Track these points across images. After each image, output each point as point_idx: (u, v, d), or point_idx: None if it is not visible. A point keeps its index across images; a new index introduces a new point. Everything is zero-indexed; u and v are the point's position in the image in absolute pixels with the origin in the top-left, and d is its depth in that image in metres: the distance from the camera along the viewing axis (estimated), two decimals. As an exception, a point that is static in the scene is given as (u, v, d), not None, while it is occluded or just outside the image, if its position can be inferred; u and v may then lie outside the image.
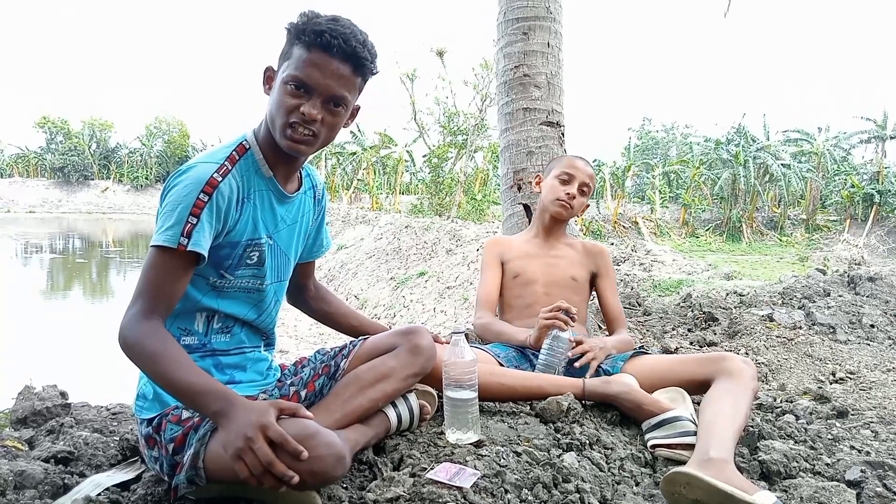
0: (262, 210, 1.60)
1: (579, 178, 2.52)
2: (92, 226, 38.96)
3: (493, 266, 2.58)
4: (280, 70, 1.51)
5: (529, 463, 1.61)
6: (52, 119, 56.20)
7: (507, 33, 3.45)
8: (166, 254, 1.41)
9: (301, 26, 1.48)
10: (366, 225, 18.10)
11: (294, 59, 1.48)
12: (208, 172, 1.46)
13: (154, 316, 1.40)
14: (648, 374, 2.06)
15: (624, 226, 25.09)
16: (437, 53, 22.29)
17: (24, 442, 1.89)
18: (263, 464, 1.21)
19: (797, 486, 1.56)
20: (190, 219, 1.41)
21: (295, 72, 1.47)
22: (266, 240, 1.61)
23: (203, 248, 1.44)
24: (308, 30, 1.46)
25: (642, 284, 6.96)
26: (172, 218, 1.41)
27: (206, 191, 1.44)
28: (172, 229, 1.41)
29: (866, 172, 28.37)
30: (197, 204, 1.42)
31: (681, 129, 45.90)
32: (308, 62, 1.47)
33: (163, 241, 1.40)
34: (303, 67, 1.47)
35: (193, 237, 1.41)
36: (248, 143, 1.59)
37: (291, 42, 1.50)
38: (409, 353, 1.72)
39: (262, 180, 1.59)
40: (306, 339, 9.50)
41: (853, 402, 2.47)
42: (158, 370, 1.36)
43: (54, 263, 20.80)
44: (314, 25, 1.46)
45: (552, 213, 2.53)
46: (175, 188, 1.46)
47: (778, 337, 3.50)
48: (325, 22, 1.47)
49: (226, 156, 1.53)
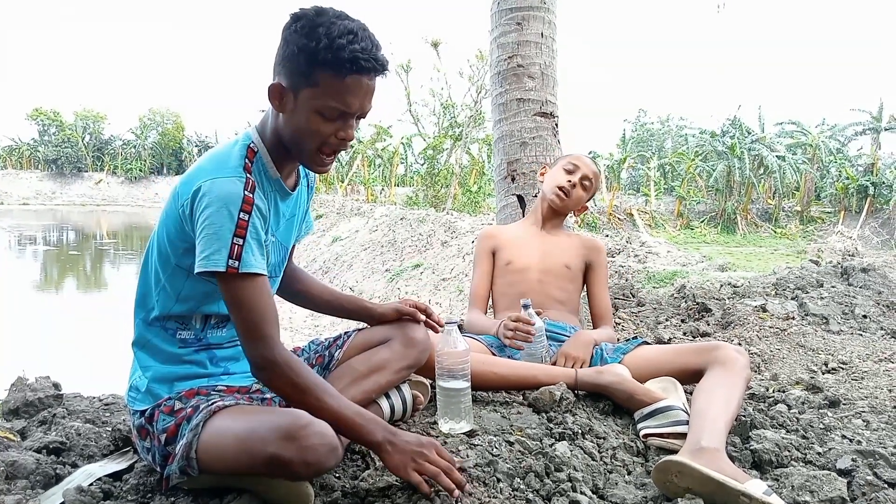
0: (270, 211, 1.58)
1: (583, 170, 2.53)
2: (86, 218, 38.80)
3: (484, 261, 2.58)
4: (302, 94, 1.41)
5: (522, 452, 1.62)
6: (45, 111, 55.89)
7: (500, 23, 3.44)
8: (256, 279, 1.40)
9: (326, 52, 1.35)
10: (361, 217, 18.08)
11: (325, 87, 1.38)
12: (238, 191, 1.40)
13: (275, 335, 1.40)
14: (641, 364, 2.07)
15: (619, 217, 25.11)
16: (432, 44, 22.23)
17: (16, 433, 1.89)
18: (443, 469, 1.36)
19: (788, 475, 1.58)
20: (243, 240, 1.38)
21: (333, 103, 1.39)
22: (270, 238, 1.60)
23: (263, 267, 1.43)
24: (338, 57, 1.35)
25: (637, 276, 6.97)
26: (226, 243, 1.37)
27: (245, 209, 1.39)
28: (249, 256, 1.38)
29: (861, 164, 28.45)
30: (241, 225, 1.38)
31: (676, 122, 45.92)
32: (345, 90, 1.39)
33: (252, 269, 1.38)
34: (340, 97, 1.39)
35: (256, 260, 1.40)
36: (255, 146, 1.52)
37: (313, 65, 1.37)
38: (404, 346, 1.72)
39: (269, 182, 1.55)
40: (301, 331, 9.50)
41: (845, 391, 2.48)
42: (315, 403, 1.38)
43: (48, 255, 20.73)
44: (342, 51, 1.35)
45: (549, 200, 2.53)
46: (208, 210, 1.38)
47: (771, 327, 3.51)
48: (349, 42, 1.36)
49: (241, 165, 1.46)
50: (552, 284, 2.45)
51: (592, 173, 2.55)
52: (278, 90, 1.43)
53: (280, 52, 1.42)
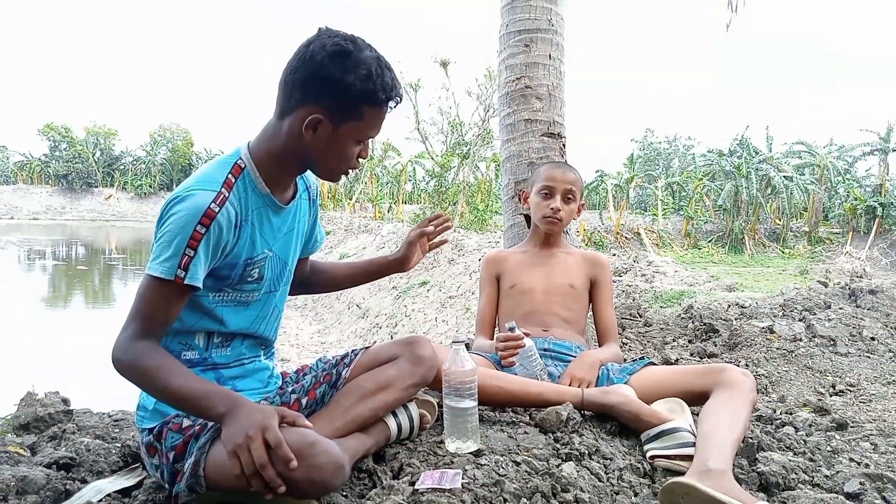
0: (261, 227, 1.60)
1: (560, 188, 2.48)
2: (95, 233, 39.04)
3: (489, 285, 2.59)
4: (345, 125, 1.49)
5: (528, 472, 1.62)
6: (56, 126, 56.43)
7: (508, 45, 3.48)
8: (163, 283, 1.42)
9: (376, 90, 1.46)
10: (368, 234, 18.15)
11: (368, 119, 1.51)
12: (205, 203, 1.44)
13: (148, 338, 1.42)
14: (647, 385, 2.07)
15: (626, 237, 25.05)
16: (441, 64, 22.37)
17: (26, 448, 1.90)
18: (256, 464, 1.25)
19: (796, 498, 1.57)
20: (187, 251, 1.41)
21: (371, 133, 1.55)
22: (266, 253, 1.62)
23: (199, 280, 1.45)
24: (384, 94, 1.48)
25: (644, 295, 6.95)
26: (170, 249, 1.41)
27: (204, 222, 1.42)
28: (170, 261, 1.41)
29: (869, 185, 28.35)
30: (194, 236, 1.42)
31: (683, 141, 46.01)
32: (381, 120, 1.54)
33: (160, 273, 1.41)
34: (377, 126, 1.54)
35: (190, 270, 1.42)
36: (243, 162, 1.56)
37: (357, 99, 1.46)
38: (411, 363, 1.73)
39: (259, 198, 1.58)
40: (308, 348, 9.52)
41: (853, 414, 2.47)
42: (158, 384, 1.37)
43: (57, 270, 20.83)
44: (386, 89, 1.48)
45: (544, 230, 2.54)
46: (172, 217, 1.44)
47: (778, 349, 3.50)
48: (391, 79, 1.49)
49: (222, 180, 1.50)
50: (557, 304, 2.45)
51: (570, 183, 2.49)
52: (317, 121, 1.48)
53: (314, 80, 1.45)
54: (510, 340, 2.16)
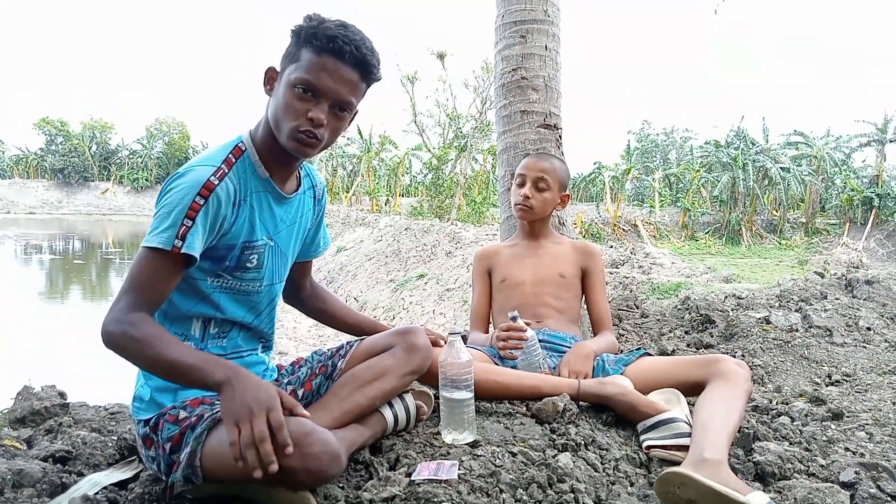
0: (261, 212, 1.60)
1: (530, 175, 2.49)
2: (92, 227, 38.92)
3: (481, 280, 2.61)
4: (286, 72, 1.50)
5: (525, 463, 1.62)
6: (52, 120, 56.19)
7: (504, 36, 3.46)
8: (159, 255, 1.41)
9: (311, 30, 1.47)
10: (365, 227, 18.13)
11: (303, 62, 1.47)
12: (205, 175, 1.46)
13: (141, 310, 1.39)
14: (643, 376, 2.07)
15: (623, 228, 25.07)
16: (438, 56, 22.33)
17: (22, 441, 1.90)
18: (256, 438, 1.22)
19: (791, 488, 1.58)
20: (185, 221, 1.42)
21: (305, 75, 1.46)
22: (266, 241, 1.62)
23: (196, 250, 1.44)
24: (319, 34, 1.46)
25: (641, 287, 6.95)
26: (168, 220, 1.42)
27: (203, 194, 1.44)
28: (167, 231, 1.41)
29: (866, 176, 28.37)
30: (193, 207, 1.43)
31: (680, 133, 45.96)
32: (319, 66, 1.46)
33: (158, 244, 1.40)
34: (313, 71, 1.46)
35: (188, 240, 1.42)
36: (243, 145, 1.59)
37: (299, 45, 1.49)
38: (406, 352, 1.73)
39: (258, 182, 1.59)
40: (305, 341, 9.51)
41: (848, 404, 2.48)
42: (152, 352, 1.34)
43: (54, 265, 20.80)
44: (325, 30, 1.46)
45: (518, 217, 2.56)
46: (172, 191, 1.46)
47: (774, 339, 3.51)
48: (336, 27, 1.47)
49: (222, 158, 1.53)
50: (548, 294, 2.45)
51: (540, 170, 2.50)
52: (271, 73, 1.55)
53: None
54: (513, 330, 2.16)
